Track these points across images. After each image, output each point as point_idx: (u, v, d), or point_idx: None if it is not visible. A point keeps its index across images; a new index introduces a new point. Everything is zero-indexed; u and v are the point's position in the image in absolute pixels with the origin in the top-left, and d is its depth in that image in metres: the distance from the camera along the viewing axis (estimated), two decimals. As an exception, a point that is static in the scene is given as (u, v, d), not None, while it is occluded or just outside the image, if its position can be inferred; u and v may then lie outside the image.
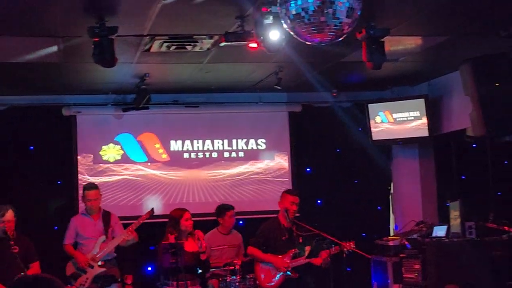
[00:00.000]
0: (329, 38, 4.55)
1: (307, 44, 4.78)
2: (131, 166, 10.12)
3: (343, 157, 10.72)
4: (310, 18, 4.39)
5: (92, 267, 8.27)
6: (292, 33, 4.61)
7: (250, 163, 10.50)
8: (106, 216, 8.57)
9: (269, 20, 5.75)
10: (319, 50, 7.19)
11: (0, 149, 9.65)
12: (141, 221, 8.36)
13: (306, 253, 8.11)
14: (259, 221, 9.08)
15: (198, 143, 10.37)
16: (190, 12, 6.19)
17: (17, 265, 7.20)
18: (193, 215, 8.81)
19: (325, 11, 4.34)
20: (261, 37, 5.92)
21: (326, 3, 4.32)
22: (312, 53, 7.57)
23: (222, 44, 6.47)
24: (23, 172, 9.69)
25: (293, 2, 4.39)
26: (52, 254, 9.01)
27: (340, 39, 4.60)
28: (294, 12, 4.42)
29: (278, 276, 8.14)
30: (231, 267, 8.34)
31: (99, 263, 8.29)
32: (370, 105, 9.98)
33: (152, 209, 8.53)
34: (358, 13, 4.50)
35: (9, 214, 7.55)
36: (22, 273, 7.20)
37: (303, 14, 4.39)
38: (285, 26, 4.64)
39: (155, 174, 10.19)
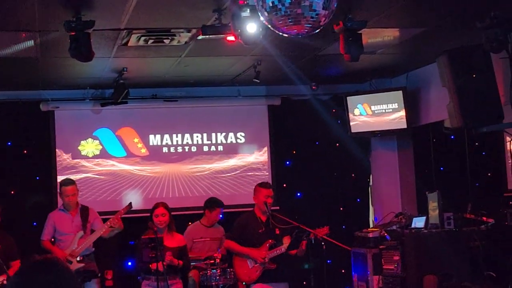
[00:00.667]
0: (306, 30, 4.53)
1: (285, 36, 4.77)
2: (110, 161, 10.09)
3: (322, 150, 10.74)
4: (286, 10, 4.37)
5: (70, 262, 8.21)
6: (269, 25, 4.60)
7: (230, 157, 10.50)
8: (84, 211, 8.53)
9: (246, 12, 5.75)
10: (297, 43, 7.23)
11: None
12: (119, 216, 8.33)
13: (285, 245, 8.11)
14: (237, 214, 9.09)
15: (177, 137, 10.35)
16: (167, 5, 6.17)
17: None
18: (173, 209, 8.79)
19: (302, 3, 4.32)
20: (239, 30, 5.92)
21: (302, -5, 4.30)
22: (290, 46, 7.60)
23: (200, 37, 6.46)
24: (1, 168, 9.61)
25: (269, -6, 4.37)
26: (32, 250, 8.97)
27: (317, 31, 4.59)
28: (270, 4, 4.40)
29: (256, 268, 8.14)
30: (211, 261, 8.34)
31: (78, 258, 8.25)
32: (348, 98, 10.00)
33: (130, 203, 8.51)
34: (335, 5, 4.49)
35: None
36: (3, 272, 7.18)
37: (279, 6, 4.37)
38: (262, 18, 4.63)
39: (134, 169, 10.16)
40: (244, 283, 8.31)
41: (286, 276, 8.34)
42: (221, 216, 9.62)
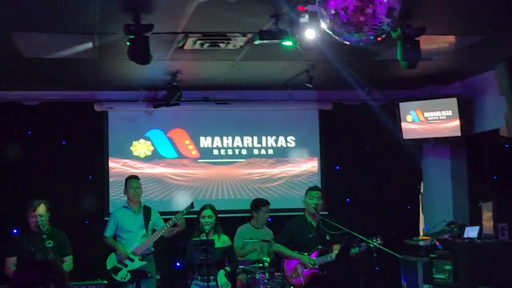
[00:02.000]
0: (368, 38, 4.52)
1: (340, 42, 4.76)
2: (161, 162, 10.17)
3: (373, 155, 10.66)
4: (349, 18, 4.36)
5: (132, 261, 8.34)
6: (330, 32, 4.59)
7: (279, 161, 10.49)
8: (147, 211, 8.67)
9: (305, 18, 5.74)
10: (352, 49, 7.14)
11: (33, 144, 9.73)
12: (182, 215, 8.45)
13: (335, 252, 8.06)
14: (287, 219, 9.08)
15: (227, 140, 10.38)
16: (224, 10, 6.19)
17: (50, 259, 7.25)
18: (222, 211, 8.86)
19: (365, 11, 4.30)
20: (297, 36, 5.91)
21: (366, 3, 4.28)
22: (345, 51, 7.52)
23: (257, 42, 6.45)
24: (55, 167, 9.76)
25: (332, 1, 4.36)
26: (83, 248, 9.10)
27: (379, 38, 4.57)
28: (333, 12, 4.39)
29: (305, 273, 8.11)
30: (260, 264, 8.36)
31: (139, 257, 8.36)
32: (401, 104, 9.92)
33: (192, 203, 8.56)
34: (398, 13, 4.46)
35: (41, 209, 7.63)
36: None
37: (342, 13, 4.36)
38: (323, 25, 4.62)
39: (184, 170, 10.22)
40: (291, 287, 8.29)
41: (335, 282, 8.28)
42: (269, 218, 9.66)
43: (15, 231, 8.99)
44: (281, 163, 10.50)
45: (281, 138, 10.51)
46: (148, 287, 8.44)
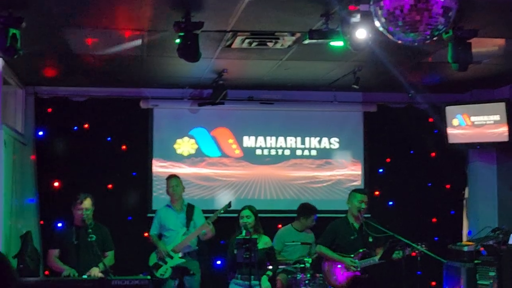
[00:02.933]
0: (423, 38, 4.48)
1: (390, 43, 4.73)
2: (205, 160, 10.20)
3: (417, 159, 10.56)
4: (405, 17, 4.32)
5: (172, 258, 8.39)
6: (384, 32, 4.55)
7: (322, 162, 10.46)
8: (190, 209, 8.71)
9: (356, 18, 5.72)
10: (401, 50, 7.14)
11: (79, 140, 9.84)
12: (217, 215, 8.45)
13: (378, 255, 7.99)
14: (329, 220, 9.03)
15: (271, 140, 10.38)
16: (275, 9, 6.20)
17: (94, 253, 7.32)
18: (263, 211, 8.87)
19: (420, 10, 4.26)
20: (347, 36, 5.88)
21: (422, 2, 4.24)
22: (393, 52, 7.50)
23: (306, 41, 6.43)
24: (100, 162, 9.86)
25: (387, 0, 4.33)
26: (125, 244, 9.18)
27: (434, 38, 4.53)
28: (388, 11, 4.36)
29: (346, 275, 8.05)
30: (301, 265, 8.33)
31: (180, 254, 8.40)
32: (448, 107, 9.81)
33: (230, 202, 8.57)
34: (454, 13, 4.41)
35: (87, 202, 7.70)
36: (99, 261, 7.35)
37: (397, 12, 4.33)
38: (377, 24, 4.59)
39: (227, 169, 10.24)
40: (333, 289, 8.25)
41: (377, 286, 8.21)
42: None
43: (59, 224, 9.08)
44: (324, 165, 10.46)
45: (325, 140, 10.47)
46: (191, 284, 8.49)
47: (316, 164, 10.44)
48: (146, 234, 9.03)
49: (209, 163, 10.21)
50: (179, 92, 10.00)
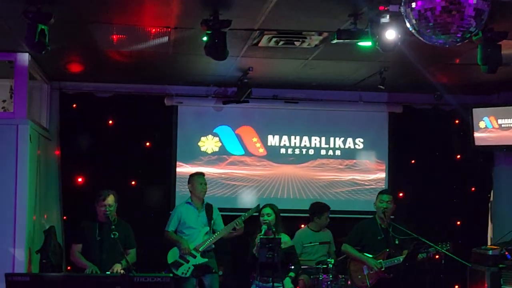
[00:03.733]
0: (454, 40, 4.42)
1: (418, 43, 4.68)
2: (228, 158, 10.18)
3: (443, 161, 10.46)
4: (436, 19, 4.27)
5: (194, 257, 8.36)
6: (415, 33, 4.50)
7: (346, 162, 10.40)
8: (209, 208, 8.67)
9: (386, 19, 5.67)
10: (429, 51, 7.06)
11: (103, 136, 9.86)
12: (247, 216, 8.42)
13: (403, 256, 7.94)
14: (352, 221, 9.00)
15: (295, 139, 10.34)
16: (303, 8, 6.17)
17: (116, 250, 7.32)
18: (286, 211, 8.87)
19: (452, 12, 4.20)
20: (376, 36, 5.84)
21: (454, 4, 4.18)
22: (421, 53, 7.44)
23: (334, 41, 6.38)
24: (124, 158, 9.86)
25: (419, 1, 4.27)
26: (148, 241, 9.19)
27: (465, 41, 4.46)
28: (419, 12, 4.30)
29: (371, 275, 8.01)
30: (324, 265, 8.29)
31: (201, 253, 8.38)
32: (475, 110, 9.72)
33: (258, 205, 8.52)
34: (486, 15, 4.34)
35: (111, 199, 7.70)
36: (121, 258, 7.36)
37: (428, 14, 4.27)
38: (408, 25, 4.53)
39: (251, 168, 10.22)
40: (357, 289, 8.21)
41: (401, 286, 8.15)
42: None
43: (82, 220, 9.08)
44: (348, 165, 10.40)
45: (349, 140, 10.41)
46: (211, 282, 8.45)
47: (340, 164, 10.39)
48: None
49: (233, 161, 10.19)
50: (203, 90, 9.99)
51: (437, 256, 7.96)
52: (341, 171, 10.38)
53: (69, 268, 8.84)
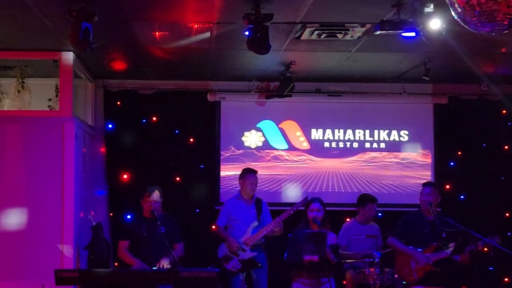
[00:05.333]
0: (501, 28, 4.32)
1: (463, 33, 4.59)
2: (272, 152, 10.17)
3: (490, 152, 10.28)
4: (482, 6, 4.18)
5: (244, 251, 8.38)
6: (460, 21, 4.41)
7: (391, 155, 10.30)
8: (259, 203, 8.69)
9: (430, 8, 5.60)
10: (475, 40, 6.96)
11: (147, 133, 9.93)
12: (295, 209, 8.36)
13: (450, 249, 7.83)
14: (397, 214, 8.89)
15: (339, 132, 10.27)
16: (344, 0, 6.11)
17: (163, 245, 7.34)
18: (331, 204, 8.74)
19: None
20: (420, 26, 5.76)
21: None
22: (466, 42, 7.33)
23: (377, 32, 6.32)
24: (168, 155, 9.92)
25: (464, -11, 4.19)
26: (193, 236, 9.23)
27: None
28: (465, 0, 4.22)
29: (418, 269, 7.91)
30: (370, 259, 8.22)
31: (250, 247, 8.40)
32: (522, 99, 9.55)
33: (306, 197, 8.44)
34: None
35: (156, 195, 7.74)
36: (168, 253, 7.39)
37: (474, 1, 4.18)
38: (453, 14, 4.44)
39: (295, 162, 10.19)
40: (404, 282, 8.11)
41: (449, 279, 8.04)
42: (379, 214, 9.50)
43: (128, 217, 9.18)
44: (393, 158, 10.30)
45: (394, 132, 10.30)
46: (259, 276, 8.46)
47: (385, 157, 10.29)
48: (214, 227, 8.99)
49: (277, 156, 10.17)
50: (246, 85, 9.98)
51: (486, 249, 7.81)
52: (385, 164, 10.28)
53: (116, 264, 8.92)
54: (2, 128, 8.33)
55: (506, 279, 9.92)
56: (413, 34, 6.09)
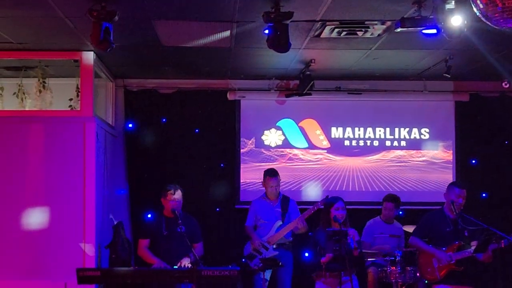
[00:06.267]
0: (523, 24, 4.29)
1: (485, 29, 4.56)
2: (292, 151, 10.16)
3: (511, 149, 10.21)
4: (504, 2, 4.15)
5: (267, 249, 8.41)
6: (482, 18, 4.38)
7: (413, 153, 10.25)
8: (285, 201, 8.71)
9: (451, 5, 5.56)
10: (496, 37, 6.90)
11: (167, 132, 9.96)
12: (315, 209, 8.37)
13: (473, 247, 7.77)
14: (419, 212, 8.85)
15: (359, 131, 10.24)
16: (365, -3, 6.11)
17: (184, 244, 7.35)
18: (351, 203, 8.74)
19: (522, -5, 4.08)
20: (441, 23, 5.72)
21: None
22: (487, 39, 7.28)
23: (398, 30, 6.28)
24: (189, 154, 9.94)
25: (486, -15, 4.16)
26: (213, 235, 9.25)
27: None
28: (487, -4, 4.20)
29: (441, 268, 7.86)
30: (392, 258, 8.19)
31: (274, 246, 8.41)
32: (543, 96, 9.47)
33: (327, 196, 8.43)
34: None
35: (177, 194, 7.75)
36: (189, 252, 7.40)
37: (497, -3, 4.16)
38: (474, 10, 4.41)
39: (315, 161, 10.17)
40: (426, 281, 8.07)
41: (472, 278, 7.98)
42: (400, 212, 9.45)
43: (149, 215, 9.21)
44: (414, 156, 10.25)
45: (415, 130, 10.25)
46: (282, 275, 8.46)
47: (406, 155, 10.24)
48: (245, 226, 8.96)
49: (297, 154, 10.16)
50: (265, 83, 9.98)
51: (509, 247, 7.74)
52: (407, 162, 10.24)
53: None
54: (24, 128, 8.38)
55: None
56: (434, 31, 6.04)
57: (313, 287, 7.77)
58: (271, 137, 10.11)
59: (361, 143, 10.23)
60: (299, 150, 10.17)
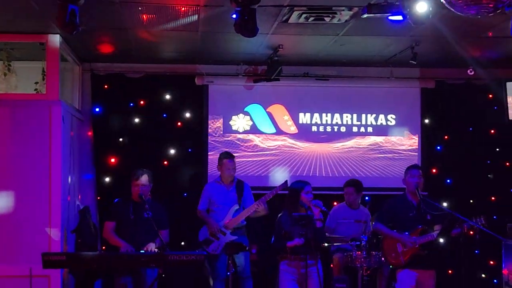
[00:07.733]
0: (486, 10, 4.34)
1: (450, 16, 4.60)
2: (259, 136, 10.18)
3: (476, 136, 10.36)
4: (468, -11, 4.20)
5: (224, 234, 8.42)
6: (446, 4, 4.43)
7: (379, 139, 10.34)
8: (240, 185, 8.69)
9: (417, -9, 5.59)
10: (461, 24, 6.97)
11: (135, 116, 9.92)
12: (274, 193, 8.41)
13: (436, 232, 7.86)
14: (385, 197, 8.90)
15: (326, 116, 10.28)
16: (332, -18, 6.13)
17: (151, 229, 7.34)
18: (318, 188, 8.76)
19: (485, -18, 4.14)
20: (407, 9, 5.76)
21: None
22: (453, 26, 7.35)
23: (364, 16, 6.32)
24: (156, 139, 9.92)
25: (450, -29, 4.20)
26: (180, 220, 9.24)
27: (497, 11, 4.38)
28: (451, -17, 4.24)
29: (405, 252, 7.95)
30: (357, 242, 8.26)
31: (231, 230, 8.42)
32: (508, 83, 9.57)
33: (286, 181, 8.51)
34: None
35: (144, 178, 7.70)
36: (155, 237, 7.39)
37: (461, -16, 4.20)
38: (440, -3, 4.46)
39: (282, 146, 10.21)
40: (391, 266, 8.16)
41: (435, 262, 8.09)
42: (365, 198, 9.51)
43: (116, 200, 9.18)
44: (380, 142, 10.34)
45: (381, 116, 10.33)
46: (241, 260, 8.45)
47: (372, 141, 10.33)
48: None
49: (264, 139, 10.19)
50: (234, 68, 9.97)
51: (471, 232, 7.87)
52: (373, 148, 10.33)
53: (104, 247, 8.93)
54: (-12, 111, 8.29)
55: (491, 262, 10.00)
56: (400, 17, 6.10)
57: (278, 268, 7.79)
58: (239, 122, 10.12)
59: (329, 129, 10.29)
60: (267, 135, 10.19)
